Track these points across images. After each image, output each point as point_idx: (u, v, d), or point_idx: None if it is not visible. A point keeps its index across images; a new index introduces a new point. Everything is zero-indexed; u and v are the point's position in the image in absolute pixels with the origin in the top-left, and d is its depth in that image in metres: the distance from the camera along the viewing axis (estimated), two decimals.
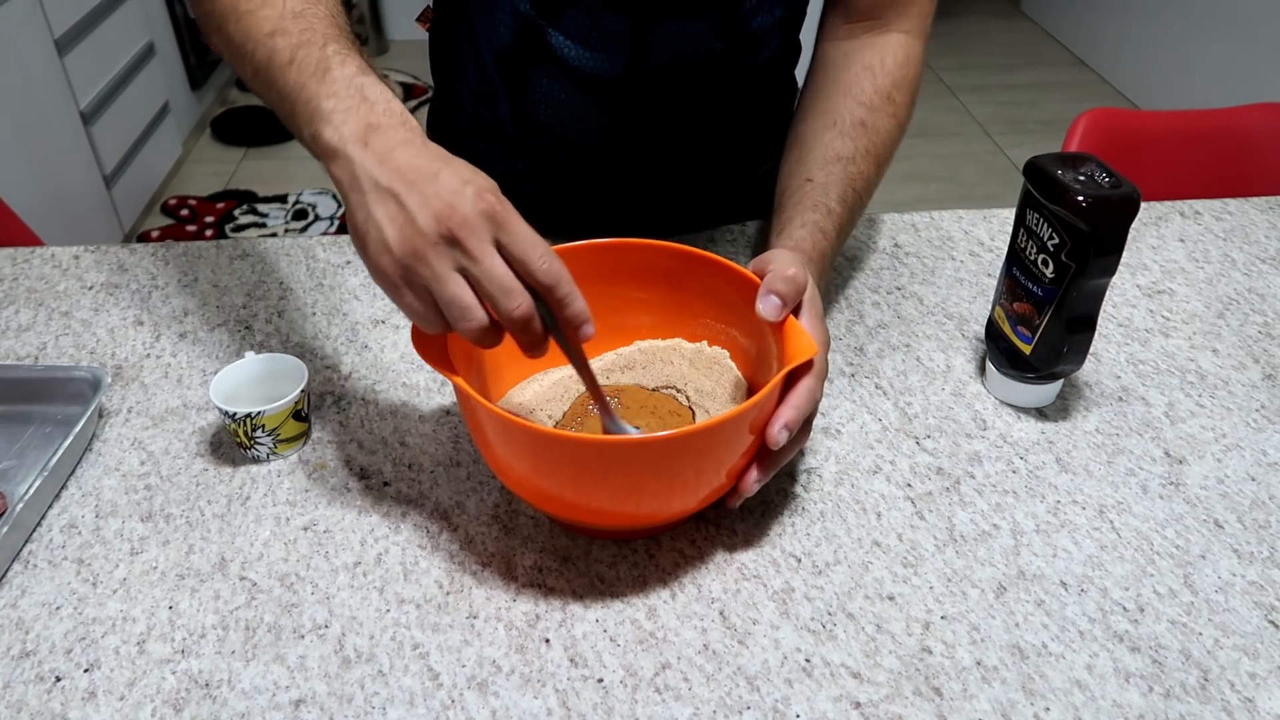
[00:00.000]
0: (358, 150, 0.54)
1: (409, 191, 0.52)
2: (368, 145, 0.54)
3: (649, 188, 0.93)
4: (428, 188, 0.52)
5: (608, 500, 0.59)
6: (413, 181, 0.52)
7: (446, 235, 0.52)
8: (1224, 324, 0.86)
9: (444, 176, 0.53)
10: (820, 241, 0.72)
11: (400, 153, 0.54)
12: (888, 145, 0.79)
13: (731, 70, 0.87)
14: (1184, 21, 3.10)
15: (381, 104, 0.56)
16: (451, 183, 0.52)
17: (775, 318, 0.61)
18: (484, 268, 0.52)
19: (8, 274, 0.90)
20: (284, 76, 0.58)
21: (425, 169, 0.53)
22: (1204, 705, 0.55)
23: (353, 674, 0.56)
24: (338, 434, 0.72)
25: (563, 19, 0.80)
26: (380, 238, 0.52)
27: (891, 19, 0.81)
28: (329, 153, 0.55)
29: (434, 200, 0.52)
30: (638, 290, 0.71)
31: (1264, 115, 1.28)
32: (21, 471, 0.69)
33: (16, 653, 0.57)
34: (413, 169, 0.53)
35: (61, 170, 2.14)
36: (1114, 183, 0.66)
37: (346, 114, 0.55)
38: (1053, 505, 0.68)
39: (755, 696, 0.55)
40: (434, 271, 0.52)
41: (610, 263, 0.69)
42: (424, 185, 0.52)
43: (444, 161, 0.54)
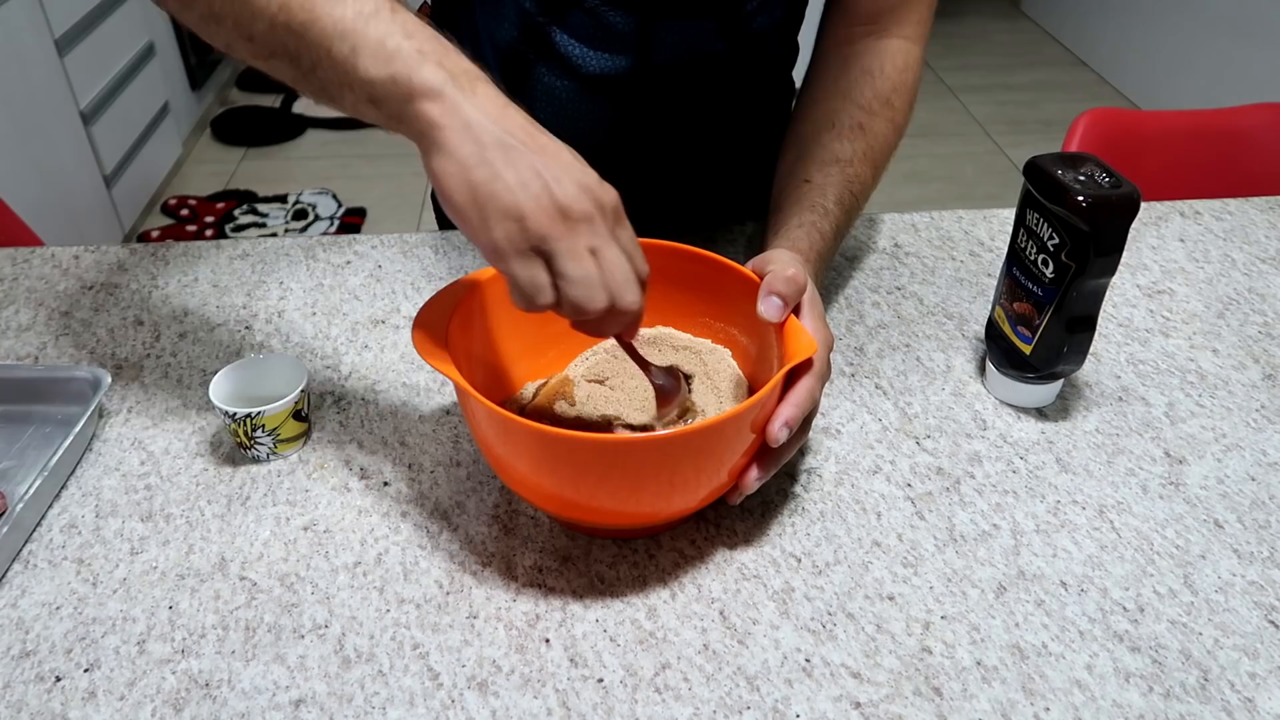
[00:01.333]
0: (465, 94, 0.50)
1: (542, 160, 0.49)
2: (475, 91, 0.50)
3: (649, 188, 0.93)
4: (560, 159, 0.50)
5: (608, 498, 0.59)
6: (541, 148, 0.50)
7: (585, 215, 0.50)
8: (1224, 324, 0.86)
9: (567, 154, 0.51)
10: (817, 242, 0.72)
11: (514, 112, 0.51)
12: (885, 149, 0.79)
13: (733, 72, 0.87)
14: (1184, 21, 3.10)
15: (465, 55, 0.52)
16: (577, 163, 0.50)
17: (777, 318, 0.62)
18: (614, 255, 0.51)
19: (8, 274, 0.90)
20: (334, 13, 0.50)
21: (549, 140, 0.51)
22: (1204, 705, 0.55)
23: (353, 674, 0.56)
24: (338, 434, 0.72)
25: (566, 18, 0.80)
26: (514, 201, 0.49)
27: (891, 24, 0.81)
28: (429, 91, 0.49)
29: (569, 175, 0.50)
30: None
31: (1264, 115, 1.28)
32: (21, 471, 0.69)
33: (16, 653, 0.57)
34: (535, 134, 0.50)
35: (61, 170, 2.14)
36: (1114, 183, 0.66)
37: (439, 56, 0.50)
38: (1053, 505, 0.68)
39: (755, 696, 0.55)
40: (572, 246, 0.50)
41: None
42: (555, 156, 0.50)
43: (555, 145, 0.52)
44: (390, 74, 0.50)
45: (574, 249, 0.50)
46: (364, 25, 0.50)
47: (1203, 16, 3.01)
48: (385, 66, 0.50)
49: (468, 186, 0.50)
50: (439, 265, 0.91)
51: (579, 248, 0.50)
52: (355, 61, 0.50)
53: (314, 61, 0.52)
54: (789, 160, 0.80)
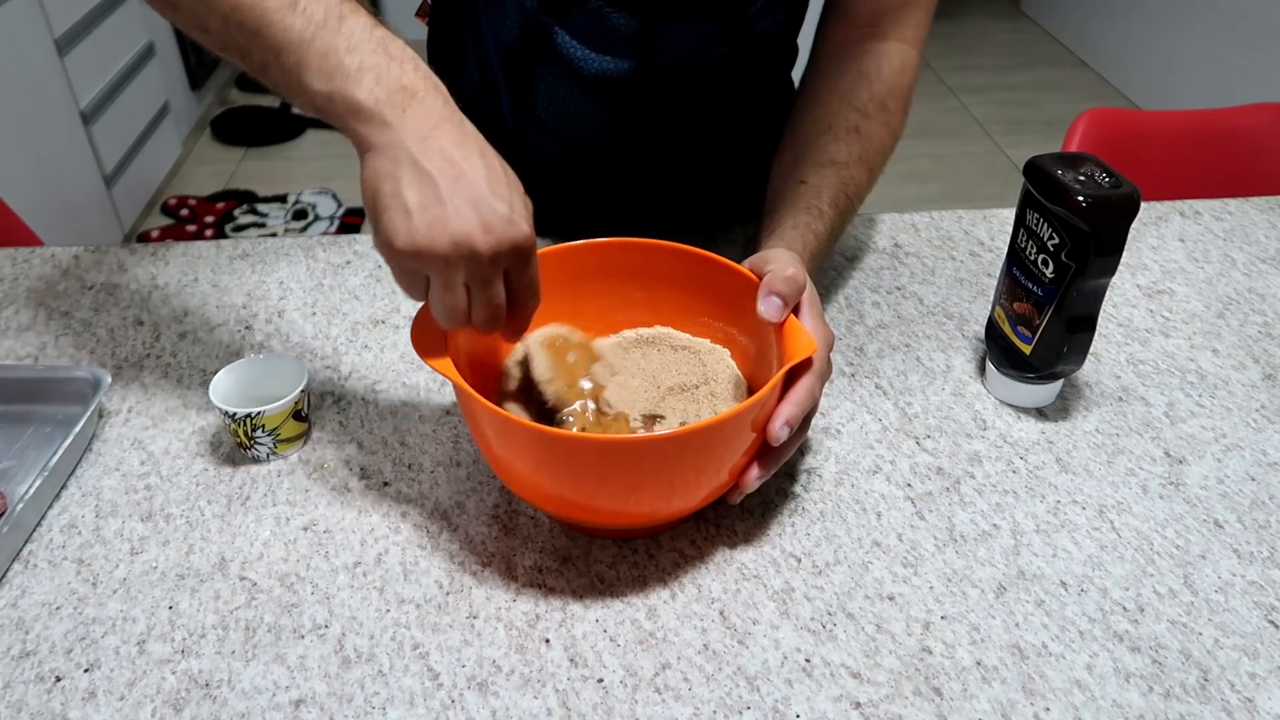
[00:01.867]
0: (395, 115, 0.51)
1: (451, 187, 0.51)
2: (406, 112, 0.51)
3: (648, 188, 0.93)
4: (470, 191, 0.51)
5: (608, 499, 0.59)
6: (456, 177, 0.51)
7: (471, 255, 0.51)
8: (1224, 324, 0.86)
9: (486, 182, 0.51)
10: (811, 243, 0.72)
11: (443, 133, 0.52)
12: (880, 152, 0.79)
13: (734, 74, 0.87)
14: (1184, 21, 3.10)
15: (409, 63, 0.53)
16: (492, 195, 0.51)
17: (777, 318, 0.62)
18: (487, 295, 0.54)
19: (8, 274, 0.90)
20: (285, 22, 0.52)
21: (469, 163, 0.52)
22: (1204, 705, 0.55)
23: (353, 674, 0.56)
24: (338, 434, 0.72)
25: (569, 18, 0.80)
26: (405, 221, 0.51)
27: (889, 27, 0.81)
28: (360, 113, 0.52)
29: (472, 210, 0.51)
30: (638, 289, 0.71)
31: (1264, 115, 1.28)
32: (21, 471, 0.69)
33: (16, 653, 0.57)
34: (456, 158, 0.51)
35: (61, 170, 2.14)
36: (1114, 183, 0.66)
37: (377, 73, 0.52)
38: (1053, 505, 0.68)
39: (755, 696, 0.55)
40: (444, 278, 0.53)
41: (611, 261, 0.69)
42: (466, 186, 0.51)
43: (484, 157, 0.53)
44: (329, 90, 0.52)
45: (447, 281, 0.53)
46: (310, 38, 0.52)
47: (1203, 17, 3.01)
48: (326, 83, 0.52)
49: (373, 196, 0.52)
50: None
51: (452, 280, 0.53)
52: (300, 74, 0.52)
53: (264, 63, 0.54)
54: (785, 162, 0.80)
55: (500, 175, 0.53)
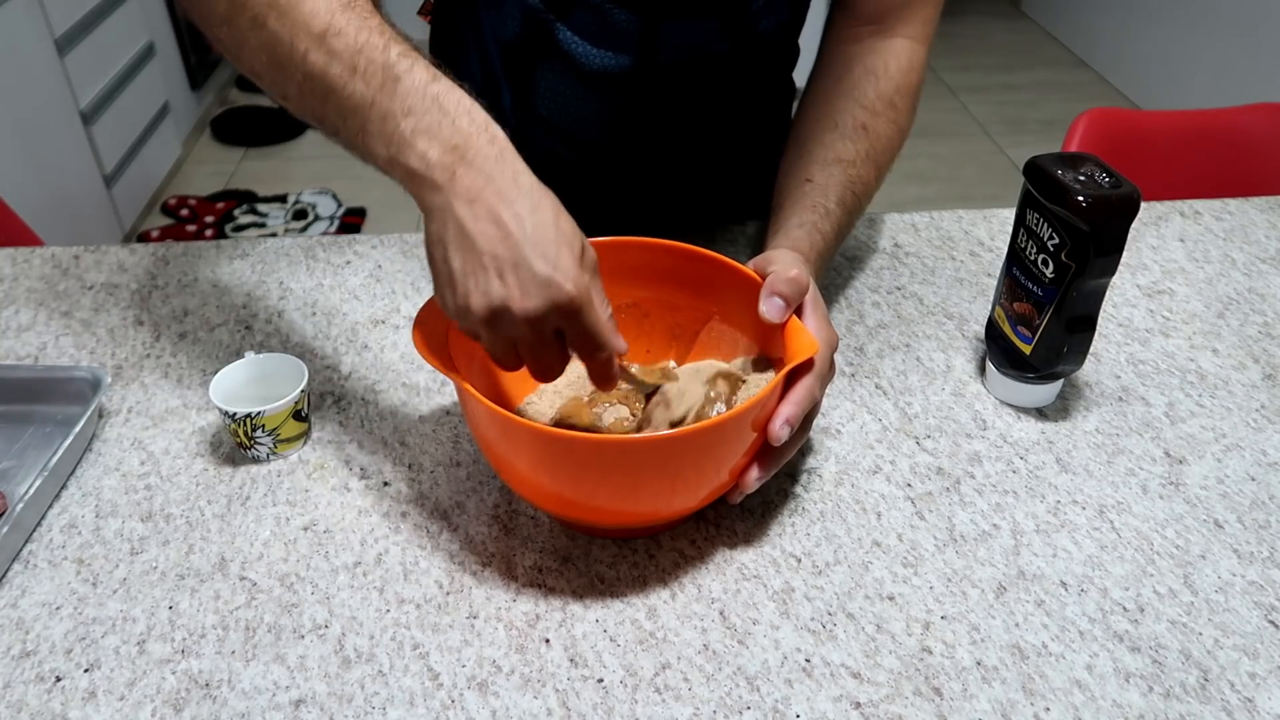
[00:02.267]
0: (445, 178, 0.52)
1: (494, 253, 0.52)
2: (455, 175, 0.52)
3: (649, 187, 0.93)
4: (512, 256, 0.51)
5: (608, 499, 0.59)
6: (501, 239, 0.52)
7: (509, 319, 0.53)
8: (1224, 324, 0.86)
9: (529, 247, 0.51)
10: (818, 242, 0.72)
11: (489, 195, 0.52)
12: (888, 150, 0.79)
13: (735, 72, 0.87)
14: (1184, 21, 3.10)
15: (464, 116, 0.53)
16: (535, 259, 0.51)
17: (779, 319, 0.62)
18: (535, 354, 0.56)
19: (8, 274, 0.90)
20: (347, 89, 0.53)
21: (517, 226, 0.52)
22: (1204, 705, 0.55)
23: (353, 674, 0.56)
24: (338, 434, 0.72)
25: (571, 14, 0.80)
26: (449, 288, 0.54)
27: (896, 24, 0.81)
28: (414, 178, 0.53)
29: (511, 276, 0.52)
30: (640, 289, 0.71)
31: (1264, 115, 1.28)
32: (21, 471, 0.69)
33: (16, 653, 0.57)
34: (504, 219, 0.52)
35: (61, 170, 2.14)
36: (1114, 183, 0.66)
37: (430, 134, 0.53)
38: (1053, 505, 0.68)
39: (755, 696, 0.55)
40: (490, 339, 0.55)
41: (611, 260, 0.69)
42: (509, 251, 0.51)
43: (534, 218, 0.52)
44: (388, 155, 0.54)
45: (492, 339, 0.55)
46: (370, 102, 0.53)
47: (1203, 16, 3.01)
48: (386, 148, 0.54)
49: (429, 259, 0.55)
50: None
51: (494, 340, 0.55)
52: (364, 140, 0.55)
53: (335, 128, 0.56)
54: (791, 159, 0.80)
55: (549, 231, 0.52)
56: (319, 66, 0.54)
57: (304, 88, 0.55)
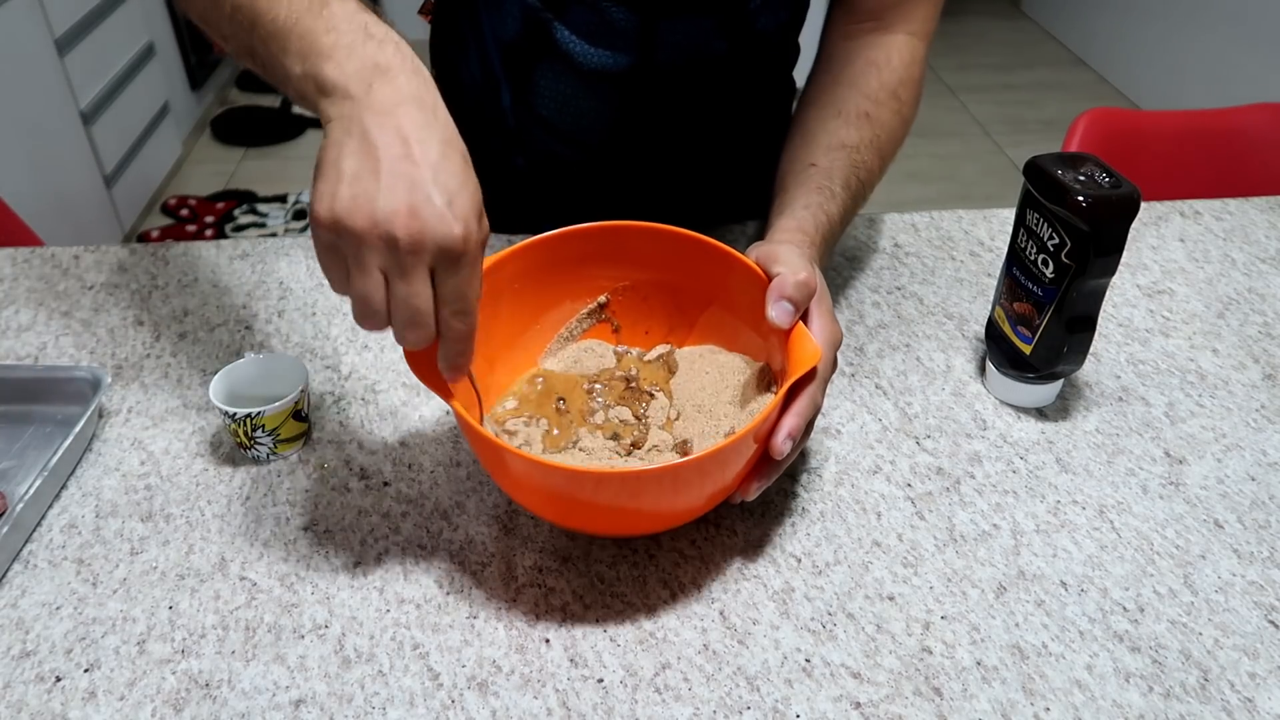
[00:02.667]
0: (361, 90, 0.49)
1: (391, 166, 0.48)
2: (372, 88, 0.50)
3: (649, 186, 0.93)
4: (410, 174, 0.48)
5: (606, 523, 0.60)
6: (401, 157, 0.48)
7: (389, 237, 0.48)
8: (1224, 324, 0.86)
9: (433, 171, 0.48)
10: (823, 224, 0.71)
11: (406, 112, 0.49)
12: (891, 140, 0.79)
13: (734, 71, 0.87)
14: (1184, 21, 3.10)
15: (390, 44, 0.51)
16: (433, 185, 0.48)
17: (788, 324, 0.61)
18: (404, 291, 0.50)
19: (8, 274, 0.90)
20: (272, 12, 0.52)
21: (422, 147, 0.49)
22: (1204, 705, 0.55)
23: (353, 674, 0.56)
24: (338, 434, 0.72)
25: (569, 13, 0.80)
26: (334, 190, 0.48)
27: (897, 20, 0.81)
28: (326, 88, 0.50)
29: (406, 193, 0.48)
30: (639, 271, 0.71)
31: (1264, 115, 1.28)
32: (21, 471, 0.69)
33: (16, 653, 0.57)
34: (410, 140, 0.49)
35: (61, 170, 2.14)
36: (1114, 183, 0.66)
37: (350, 50, 0.50)
38: (1053, 505, 0.68)
39: (755, 696, 0.55)
40: (358, 259, 0.49)
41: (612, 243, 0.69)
42: (408, 169, 0.48)
43: (444, 146, 0.50)
44: (303, 71, 0.52)
45: (361, 262, 0.49)
46: (293, 23, 0.52)
47: (1203, 16, 3.01)
48: (301, 64, 0.52)
49: (316, 166, 0.50)
50: None
51: (368, 263, 0.49)
52: (283, 59, 0.53)
53: (264, 59, 0.54)
54: (794, 146, 0.79)
55: (456, 170, 0.50)
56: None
57: (234, 20, 0.55)
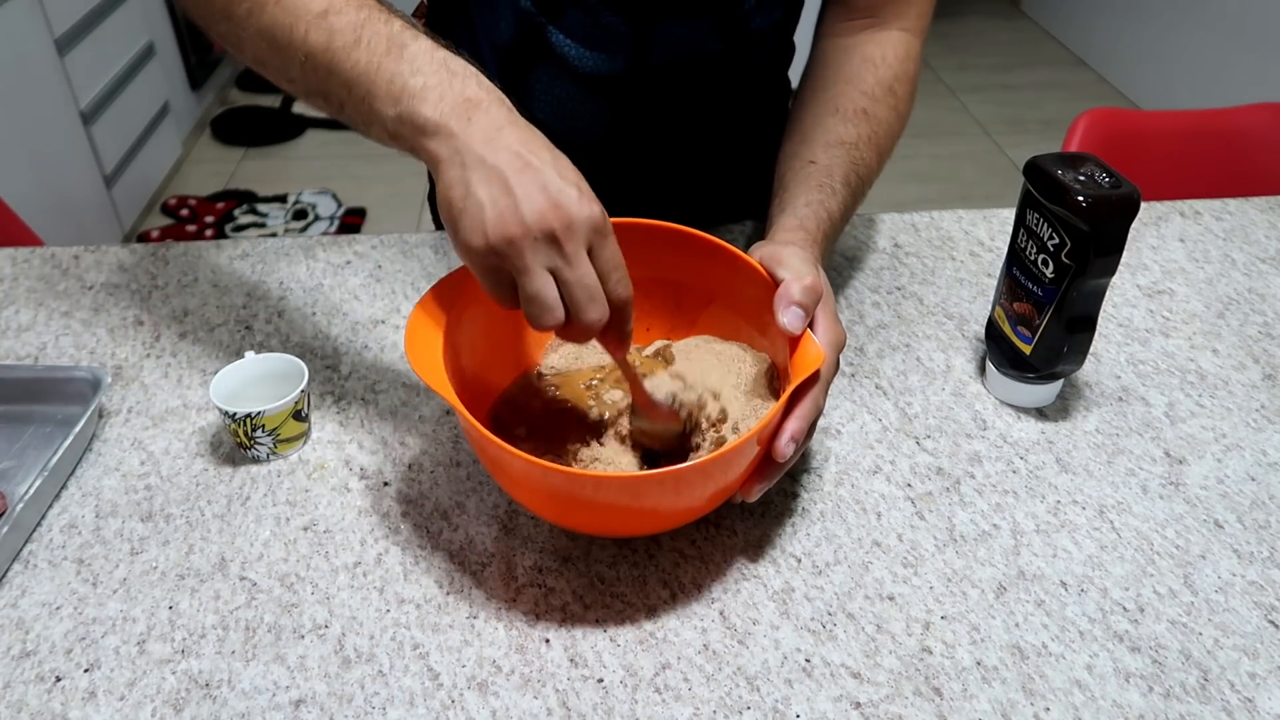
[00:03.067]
0: (460, 125, 0.53)
1: (518, 178, 0.52)
2: (471, 120, 0.53)
3: (647, 187, 0.93)
4: (537, 178, 0.52)
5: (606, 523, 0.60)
6: (523, 168, 0.52)
7: (547, 233, 0.51)
8: (1224, 324, 0.86)
9: (554, 170, 0.52)
10: (824, 221, 0.71)
11: (508, 133, 0.53)
12: (889, 135, 0.79)
13: (730, 72, 0.87)
14: (1184, 21, 3.10)
15: (472, 78, 0.55)
16: (560, 180, 0.52)
17: (798, 330, 0.61)
18: (578, 274, 0.53)
19: (8, 274, 0.90)
20: (351, 58, 0.55)
21: (536, 156, 0.53)
22: (1204, 705, 0.55)
23: (353, 674, 0.56)
24: (338, 434, 0.72)
25: (563, 17, 0.80)
26: (479, 217, 0.52)
27: (891, 17, 0.81)
28: (428, 129, 0.53)
29: (541, 193, 0.51)
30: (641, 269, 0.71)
31: (1264, 115, 1.28)
32: (21, 471, 0.69)
33: (16, 653, 0.57)
34: (523, 153, 0.52)
35: (61, 170, 2.14)
36: (1114, 183, 0.66)
37: (441, 89, 0.53)
38: (1053, 505, 0.68)
39: (755, 696, 0.55)
40: (525, 264, 0.52)
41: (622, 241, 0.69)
42: (534, 175, 0.52)
43: (551, 152, 0.54)
44: (397, 113, 0.54)
45: (528, 266, 0.52)
46: (376, 69, 0.54)
47: (1203, 16, 3.01)
48: (394, 107, 0.54)
49: (447, 206, 0.53)
50: (439, 265, 0.91)
51: (533, 265, 0.52)
52: (371, 104, 0.55)
53: (341, 102, 0.56)
54: (793, 143, 0.79)
55: (568, 165, 0.54)
56: (321, 43, 0.55)
57: (306, 67, 0.57)
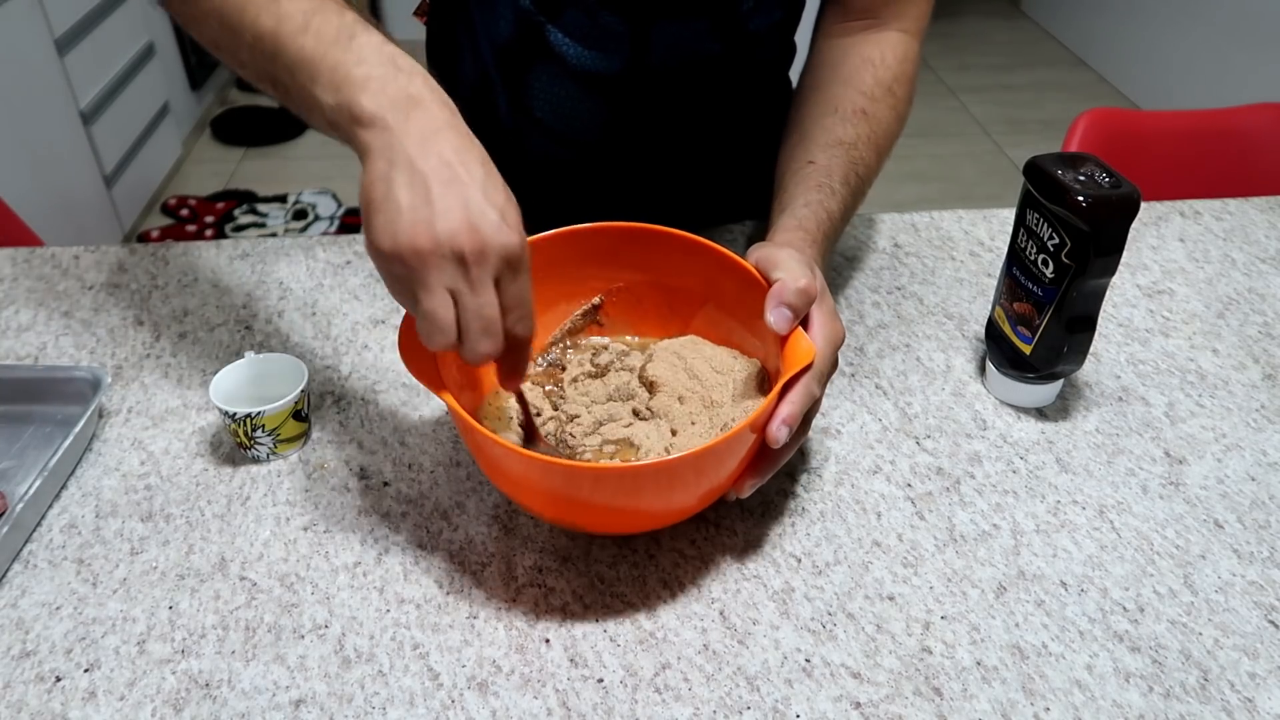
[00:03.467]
0: (398, 120, 0.52)
1: (442, 189, 0.50)
2: (409, 118, 0.52)
3: (645, 187, 0.93)
4: (461, 194, 0.51)
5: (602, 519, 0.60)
6: (449, 180, 0.51)
7: (457, 253, 0.50)
8: (1224, 324, 0.86)
9: (480, 189, 0.51)
10: (824, 221, 0.71)
11: (444, 137, 0.52)
12: (888, 135, 0.79)
13: (730, 72, 0.87)
14: (1184, 21, 3.10)
15: (418, 76, 0.54)
16: (485, 201, 0.51)
17: (786, 330, 0.61)
18: (477, 303, 0.52)
19: (8, 274, 0.90)
20: (297, 43, 0.54)
21: (466, 170, 0.51)
22: (1204, 705, 0.55)
23: (353, 674, 0.56)
24: (338, 434, 0.72)
25: (562, 17, 0.80)
26: (393, 221, 0.50)
27: (889, 18, 0.81)
28: (364, 119, 0.52)
29: (461, 211, 0.50)
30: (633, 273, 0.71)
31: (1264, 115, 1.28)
32: (21, 471, 0.69)
33: (16, 653, 0.57)
34: (454, 163, 0.51)
35: (61, 170, 2.14)
36: (1114, 183, 0.66)
37: (383, 81, 0.52)
38: (1053, 505, 0.68)
39: (755, 696, 0.55)
40: (426, 280, 0.51)
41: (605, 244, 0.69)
42: (458, 190, 0.51)
43: (485, 167, 0.52)
44: (336, 102, 0.53)
45: (428, 283, 0.51)
46: (322, 55, 0.54)
47: (1203, 16, 3.01)
48: (334, 94, 0.53)
49: (366, 199, 0.52)
50: None
51: (434, 283, 0.51)
52: (313, 89, 0.54)
53: (286, 87, 0.56)
54: (792, 144, 0.79)
55: (498, 185, 0.53)
56: (269, 27, 0.55)
57: (254, 49, 0.57)
